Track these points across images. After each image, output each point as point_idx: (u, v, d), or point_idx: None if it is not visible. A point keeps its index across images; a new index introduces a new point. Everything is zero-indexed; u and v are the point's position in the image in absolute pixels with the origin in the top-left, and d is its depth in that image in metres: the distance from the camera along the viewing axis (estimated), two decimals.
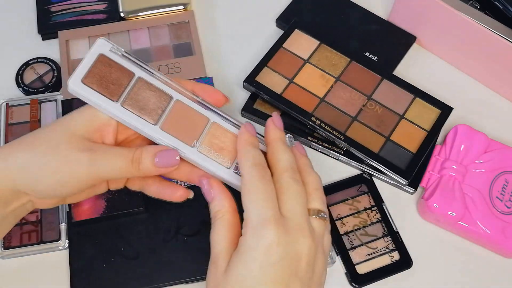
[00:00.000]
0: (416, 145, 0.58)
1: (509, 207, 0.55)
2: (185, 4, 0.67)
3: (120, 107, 0.43)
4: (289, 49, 0.64)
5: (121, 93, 0.44)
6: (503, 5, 0.60)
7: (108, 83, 0.44)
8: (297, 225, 0.39)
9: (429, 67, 0.67)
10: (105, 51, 0.44)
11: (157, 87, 0.44)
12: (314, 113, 0.59)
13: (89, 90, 0.43)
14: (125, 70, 0.44)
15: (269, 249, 0.38)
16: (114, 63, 0.44)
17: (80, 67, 0.43)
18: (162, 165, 0.43)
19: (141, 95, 0.44)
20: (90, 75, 0.43)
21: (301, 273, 0.38)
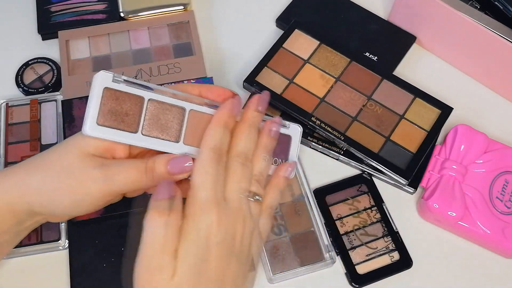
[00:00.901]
0: (416, 145, 0.58)
1: (509, 207, 0.55)
2: (185, 4, 0.67)
3: (141, 136, 0.44)
4: (289, 49, 0.64)
5: (138, 122, 0.44)
6: (503, 5, 0.60)
7: (122, 116, 0.44)
8: (236, 207, 0.41)
9: (429, 67, 0.67)
10: (108, 83, 0.43)
11: (169, 103, 0.45)
12: (314, 113, 0.59)
13: (107, 129, 0.43)
14: (133, 97, 0.44)
15: (211, 230, 0.39)
16: (120, 93, 0.44)
17: (91, 109, 0.43)
18: (175, 172, 0.43)
19: (157, 116, 0.44)
20: (103, 114, 0.43)
21: (237, 251, 0.41)
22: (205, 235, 0.39)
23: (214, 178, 0.41)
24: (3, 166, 0.57)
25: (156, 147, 0.44)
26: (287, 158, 0.49)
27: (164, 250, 0.39)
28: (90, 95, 0.43)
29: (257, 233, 0.43)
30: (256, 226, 0.43)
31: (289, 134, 0.49)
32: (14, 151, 0.58)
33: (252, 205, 0.43)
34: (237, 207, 0.42)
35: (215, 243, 0.39)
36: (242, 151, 0.44)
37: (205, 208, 0.40)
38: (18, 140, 0.59)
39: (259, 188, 0.44)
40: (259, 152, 0.45)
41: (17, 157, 0.57)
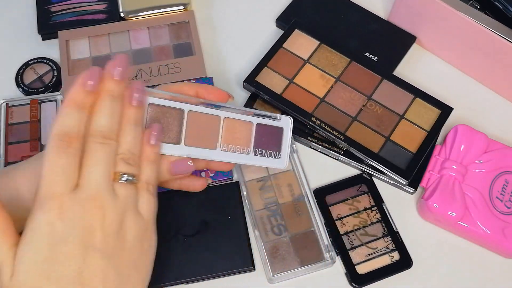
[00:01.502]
0: (416, 145, 0.58)
1: (509, 207, 0.55)
2: (185, 4, 0.67)
3: None
4: (289, 49, 0.64)
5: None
6: (503, 5, 0.60)
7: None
8: (89, 196, 0.37)
9: (429, 67, 0.67)
10: None
11: (168, 106, 0.45)
12: (314, 113, 0.59)
13: None
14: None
15: (53, 226, 0.35)
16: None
17: None
18: (177, 173, 0.44)
19: (157, 120, 0.45)
20: None
21: (99, 244, 0.36)
22: (46, 233, 0.35)
23: (57, 169, 0.36)
24: (3, 166, 0.57)
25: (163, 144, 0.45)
26: (279, 151, 0.50)
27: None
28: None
29: (133, 217, 0.39)
30: (128, 209, 0.39)
31: (280, 126, 0.50)
32: (14, 151, 0.58)
33: (120, 188, 0.38)
34: (91, 194, 0.37)
35: (61, 240, 0.35)
36: (99, 129, 0.38)
37: (44, 204, 0.36)
38: (18, 140, 0.59)
39: (128, 166, 0.39)
40: (123, 126, 0.40)
41: (17, 157, 0.58)
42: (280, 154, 0.50)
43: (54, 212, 0.36)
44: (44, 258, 0.35)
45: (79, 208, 0.36)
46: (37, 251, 0.35)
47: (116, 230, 0.38)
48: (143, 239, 0.40)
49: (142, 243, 0.40)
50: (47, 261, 0.35)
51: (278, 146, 0.50)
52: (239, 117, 0.48)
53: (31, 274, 0.35)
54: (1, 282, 0.35)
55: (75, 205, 0.36)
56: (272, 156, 0.49)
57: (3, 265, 0.35)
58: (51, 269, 0.35)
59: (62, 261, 0.35)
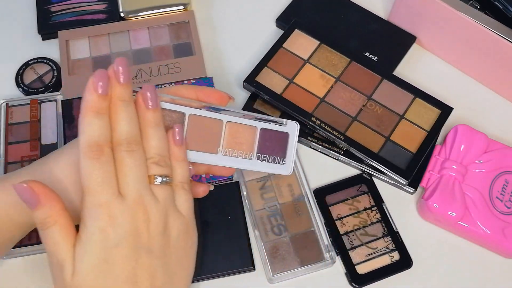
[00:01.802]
0: (416, 145, 0.58)
1: (509, 207, 0.55)
2: (185, 4, 0.67)
3: None
4: (289, 49, 0.64)
5: None
6: (503, 5, 0.60)
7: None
8: (132, 201, 0.38)
9: (429, 67, 0.67)
10: None
11: (168, 109, 0.44)
12: (314, 113, 0.59)
13: None
14: None
15: (105, 233, 0.37)
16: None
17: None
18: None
19: None
20: None
21: (148, 245, 0.39)
22: (100, 239, 0.37)
23: (99, 178, 0.38)
24: (3, 166, 0.57)
25: None
26: (284, 156, 0.49)
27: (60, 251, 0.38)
28: None
29: (174, 216, 0.40)
30: (169, 209, 0.40)
31: (286, 132, 0.49)
32: (14, 151, 0.58)
33: (157, 190, 0.40)
34: (134, 199, 0.38)
35: (114, 245, 0.37)
36: (122, 137, 0.39)
37: (94, 213, 0.37)
38: (18, 140, 0.59)
39: (161, 168, 0.40)
40: (145, 130, 0.40)
41: (17, 157, 0.58)
42: (284, 160, 0.49)
43: (104, 220, 0.37)
44: (101, 260, 0.37)
45: (125, 214, 0.38)
46: (94, 254, 0.37)
47: (161, 231, 0.39)
48: (186, 236, 0.41)
49: (186, 241, 0.42)
50: (104, 263, 0.37)
51: (283, 151, 0.48)
52: (243, 121, 0.47)
53: (90, 274, 0.37)
54: (63, 280, 0.37)
55: (122, 212, 0.38)
56: (276, 162, 0.48)
57: (66, 263, 0.37)
58: (108, 270, 0.37)
59: (118, 262, 0.37)
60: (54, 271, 0.39)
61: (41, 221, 0.38)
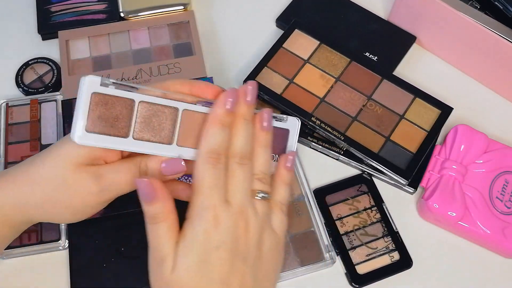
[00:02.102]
0: (416, 145, 0.58)
1: (509, 207, 0.55)
2: (185, 4, 0.67)
3: (132, 140, 0.42)
4: (289, 49, 0.64)
5: (128, 126, 0.42)
6: (503, 5, 0.60)
7: (112, 121, 0.42)
8: (237, 210, 0.41)
9: (429, 67, 0.67)
10: (96, 88, 0.41)
11: (161, 104, 0.43)
12: (314, 113, 0.59)
13: (97, 136, 0.41)
14: (123, 100, 0.42)
15: (209, 234, 0.39)
16: (109, 97, 0.42)
17: (80, 116, 0.41)
18: (169, 173, 0.43)
19: (148, 119, 0.43)
20: (92, 121, 0.41)
21: (244, 253, 0.41)
22: (203, 239, 0.39)
23: (212, 182, 0.41)
24: (3, 166, 0.57)
25: (149, 150, 0.43)
26: (284, 153, 0.48)
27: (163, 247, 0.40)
28: (78, 101, 0.41)
29: (269, 232, 0.43)
30: (265, 224, 0.43)
31: (286, 128, 0.48)
32: (14, 151, 0.58)
33: (258, 204, 0.42)
34: (238, 209, 0.41)
35: (214, 247, 0.39)
36: (238, 151, 0.43)
37: (202, 214, 0.40)
38: (18, 140, 0.59)
39: (263, 185, 0.43)
40: (256, 149, 0.44)
41: (17, 157, 0.58)
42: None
43: (210, 222, 0.40)
44: (201, 260, 0.39)
45: (230, 220, 0.40)
46: (195, 252, 0.39)
47: (256, 242, 0.41)
48: (276, 253, 0.43)
49: (275, 257, 0.44)
50: (203, 262, 0.39)
51: (282, 148, 0.48)
52: None
53: (189, 272, 0.39)
54: (161, 274, 0.39)
55: (227, 218, 0.40)
56: (275, 159, 0.47)
57: (167, 258, 0.39)
58: (206, 270, 0.39)
59: (215, 264, 0.39)
60: (153, 265, 0.40)
61: (152, 215, 0.40)
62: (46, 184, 0.42)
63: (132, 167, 0.43)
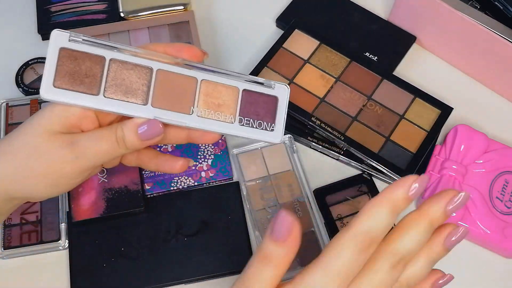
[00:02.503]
0: (416, 145, 0.58)
1: (509, 207, 0.55)
2: (185, 4, 0.67)
3: (104, 98, 0.40)
4: (289, 49, 0.64)
5: (99, 83, 0.40)
6: (503, 5, 0.60)
7: (81, 77, 0.40)
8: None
9: (429, 67, 0.67)
10: (64, 43, 0.40)
11: (133, 63, 0.41)
12: (314, 113, 0.59)
13: (65, 92, 0.39)
14: (93, 57, 0.40)
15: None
16: (79, 54, 0.40)
17: (46, 71, 0.39)
18: (147, 137, 0.41)
19: (120, 77, 0.40)
20: (60, 76, 0.39)
21: None
22: None
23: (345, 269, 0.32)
24: None
25: (121, 110, 0.40)
26: (273, 122, 0.44)
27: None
28: (47, 56, 0.40)
29: None
30: None
31: (275, 95, 0.45)
32: None
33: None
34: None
35: None
36: (399, 251, 0.33)
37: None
38: None
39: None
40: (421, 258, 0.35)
41: None
42: (273, 127, 0.44)
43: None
44: None
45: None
46: None
47: None
48: None
49: None
50: None
51: (271, 117, 0.44)
52: (221, 80, 0.43)
53: None
54: None
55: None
56: (263, 127, 0.43)
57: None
58: None
59: None
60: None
61: (268, 254, 0.33)
62: (17, 153, 0.40)
63: (106, 133, 0.41)
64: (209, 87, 0.43)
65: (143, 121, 0.41)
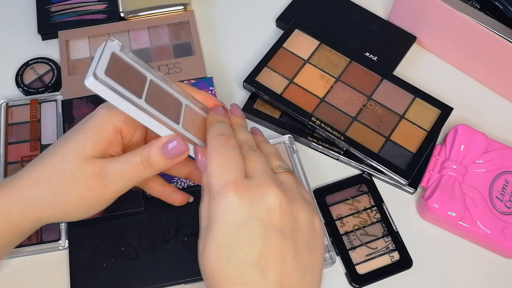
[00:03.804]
0: (416, 145, 0.58)
1: (509, 207, 0.55)
2: (185, 4, 0.67)
3: (145, 103, 0.41)
4: (289, 49, 0.64)
5: (142, 90, 0.41)
6: (503, 5, 0.60)
7: (129, 79, 0.41)
8: (261, 182, 0.39)
9: (429, 67, 0.67)
10: (116, 50, 0.41)
11: (168, 91, 0.43)
12: (314, 113, 0.59)
13: (113, 83, 0.39)
14: (137, 72, 0.42)
15: (232, 212, 0.37)
16: (126, 64, 0.42)
17: (101, 61, 0.39)
18: (171, 155, 0.42)
19: (157, 96, 0.42)
20: (111, 70, 0.40)
21: (279, 225, 0.38)
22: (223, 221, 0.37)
23: (224, 160, 0.39)
24: (3, 166, 0.57)
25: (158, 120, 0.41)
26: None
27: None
28: (97, 54, 0.40)
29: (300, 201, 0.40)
30: (295, 193, 0.40)
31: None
32: (14, 151, 0.58)
33: (282, 176, 0.41)
34: (263, 180, 0.39)
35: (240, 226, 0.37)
36: (244, 141, 0.43)
37: (218, 195, 0.38)
38: (18, 140, 0.59)
39: (281, 162, 0.42)
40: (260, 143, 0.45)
41: (17, 157, 0.58)
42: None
43: (231, 198, 0.37)
44: (224, 244, 0.37)
45: (255, 191, 0.38)
46: (218, 238, 0.37)
47: (290, 211, 0.39)
48: (312, 221, 0.41)
49: (313, 225, 0.41)
50: (227, 247, 0.37)
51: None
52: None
53: (212, 259, 0.37)
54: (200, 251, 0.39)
55: (251, 190, 0.38)
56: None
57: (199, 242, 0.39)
58: (232, 254, 0.37)
59: (243, 246, 0.37)
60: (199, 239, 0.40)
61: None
62: (53, 180, 0.42)
63: (132, 157, 0.42)
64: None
65: (167, 139, 0.42)
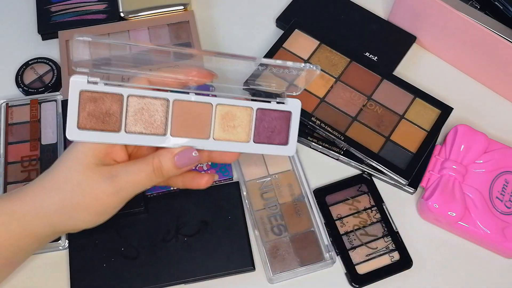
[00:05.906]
0: (416, 145, 0.58)
1: (509, 207, 0.55)
2: (185, 4, 0.67)
3: (125, 134, 0.43)
4: (289, 49, 0.64)
5: (120, 120, 0.43)
6: (503, 5, 0.60)
7: (103, 117, 0.43)
8: None
9: (429, 67, 0.67)
10: (83, 86, 0.42)
11: (150, 96, 0.43)
12: (314, 113, 0.59)
13: (89, 132, 0.42)
14: (112, 96, 0.43)
15: None
16: (98, 94, 0.43)
17: (70, 115, 0.42)
18: (183, 165, 0.43)
19: (139, 112, 0.43)
20: (83, 118, 0.42)
21: None
22: None
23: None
24: (3, 166, 0.57)
25: (143, 142, 0.43)
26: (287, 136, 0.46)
27: None
28: (69, 100, 0.42)
29: None
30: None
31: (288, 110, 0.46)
32: (14, 151, 0.58)
33: None
34: None
35: None
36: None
37: None
38: (18, 140, 0.59)
39: None
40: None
41: (17, 157, 0.58)
42: (288, 140, 0.46)
43: None
44: None
45: None
46: None
47: None
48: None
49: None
50: None
51: (285, 131, 0.45)
52: (235, 102, 0.45)
53: None
54: None
55: None
56: (277, 142, 0.46)
57: None
58: None
59: None
60: None
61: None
62: (61, 188, 0.43)
63: (143, 166, 0.43)
64: (223, 110, 0.45)
65: (180, 150, 0.43)
